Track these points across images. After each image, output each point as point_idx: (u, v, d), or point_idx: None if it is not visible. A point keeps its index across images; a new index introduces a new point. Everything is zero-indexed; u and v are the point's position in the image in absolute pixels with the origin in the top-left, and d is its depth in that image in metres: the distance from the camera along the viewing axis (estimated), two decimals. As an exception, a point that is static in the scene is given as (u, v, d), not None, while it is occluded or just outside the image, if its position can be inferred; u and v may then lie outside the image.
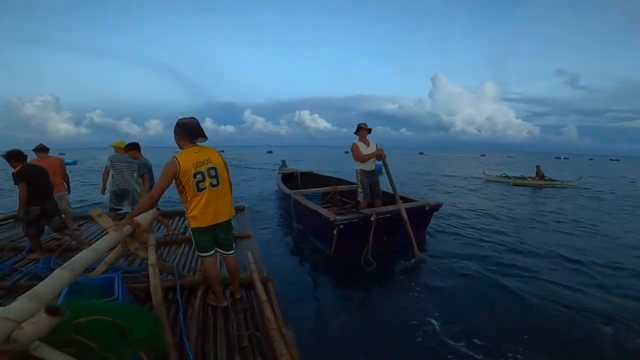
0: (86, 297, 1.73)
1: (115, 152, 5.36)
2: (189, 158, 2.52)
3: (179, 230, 5.59)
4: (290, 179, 10.34)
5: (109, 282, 2.42)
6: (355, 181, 5.84)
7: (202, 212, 2.55)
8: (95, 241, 2.46)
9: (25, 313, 1.37)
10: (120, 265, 3.82)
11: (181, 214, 6.56)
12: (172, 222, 6.19)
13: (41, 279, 2.84)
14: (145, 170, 5.06)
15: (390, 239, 5.21)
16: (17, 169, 3.97)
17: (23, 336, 1.32)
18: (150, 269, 2.55)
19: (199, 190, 2.53)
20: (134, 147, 5.18)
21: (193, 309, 2.79)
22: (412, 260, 4.75)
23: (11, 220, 6.31)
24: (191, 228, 2.62)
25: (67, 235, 4.54)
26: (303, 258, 5.06)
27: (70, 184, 5.90)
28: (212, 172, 2.59)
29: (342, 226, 4.71)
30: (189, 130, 2.58)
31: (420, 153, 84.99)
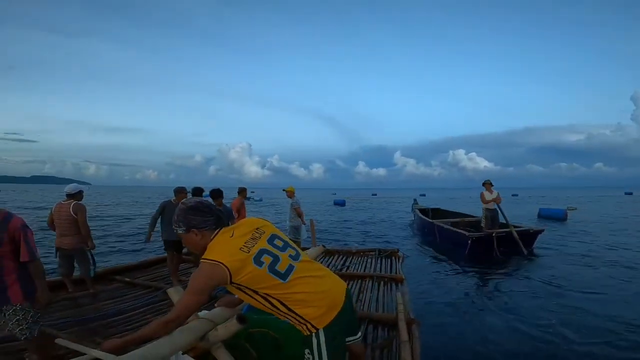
0: (258, 311, 1.75)
1: (288, 196, 6.85)
2: (229, 246, 1.55)
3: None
4: (423, 213, 13.51)
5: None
6: (477, 215, 11.01)
7: (311, 302, 1.57)
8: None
9: (222, 318, 1.78)
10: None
11: None
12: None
13: (228, 292, 3.70)
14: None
15: (505, 249, 8.30)
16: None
17: (215, 337, 1.65)
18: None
19: (283, 277, 1.56)
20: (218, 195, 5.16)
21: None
22: (524, 254, 8.09)
23: None
24: (318, 334, 1.56)
25: None
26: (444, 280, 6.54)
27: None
28: (279, 242, 1.68)
29: (474, 238, 8.18)
30: (207, 212, 1.64)
31: (627, 193, 65.15)
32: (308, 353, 1.59)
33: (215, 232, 1.62)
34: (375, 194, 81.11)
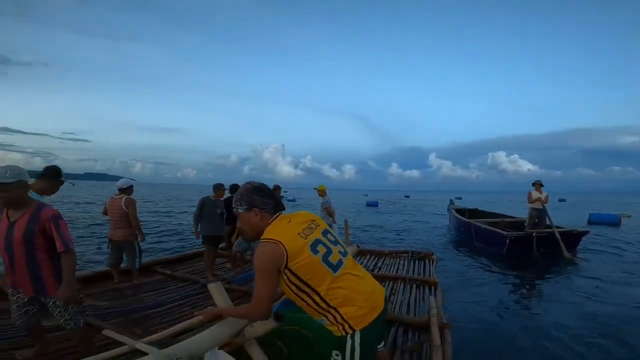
0: (292, 309, 1.81)
1: (319, 195, 6.79)
2: (287, 230, 1.56)
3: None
4: (459, 213, 13.13)
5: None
6: (519, 216, 11.01)
7: (356, 301, 1.53)
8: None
9: None
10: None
11: None
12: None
13: None
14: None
15: (545, 250, 8.07)
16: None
17: (250, 333, 1.70)
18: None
19: (335, 268, 1.55)
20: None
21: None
22: (566, 257, 7.67)
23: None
24: (354, 336, 1.51)
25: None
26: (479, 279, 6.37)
27: None
28: (331, 237, 1.68)
29: (512, 237, 7.95)
30: (269, 195, 1.65)
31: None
32: (336, 355, 1.55)
33: (274, 216, 1.63)
34: (408, 196, 79.41)
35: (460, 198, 63.11)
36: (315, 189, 6.99)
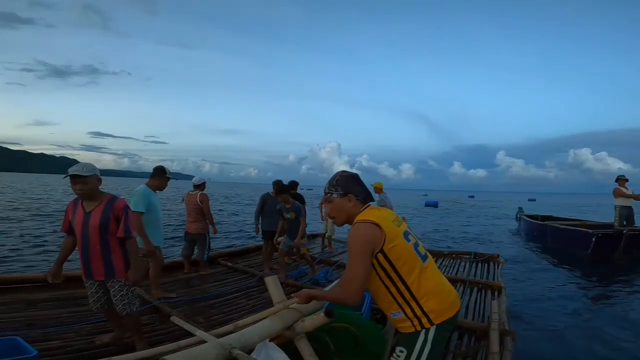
0: (342, 306, 1.77)
1: (375, 191, 6.55)
2: (381, 216, 1.56)
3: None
4: (532, 219, 12.48)
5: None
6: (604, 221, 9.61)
7: (439, 294, 1.52)
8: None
9: (310, 310, 1.85)
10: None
11: None
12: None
13: (319, 284, 4.26)
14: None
15: (638, 252, 7.35)
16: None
17: (301, 327, 1.72)
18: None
19: (423, 258, 1.56)
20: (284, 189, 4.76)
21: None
22: None
23: (311, 236, 7.94)
24: (428, 331, 1.47)
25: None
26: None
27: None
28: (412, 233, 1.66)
29: (600, 235, 7.32)
30: (362, 185, 1.70)
31: None
32: (400, 352, 1.49)
33: (364, 206, 1.64)
34: (473, 196, 74.83)
35: (534, 200, 58.87)
36: (372, 185, 6.81)
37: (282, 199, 4.68)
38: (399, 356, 1.50)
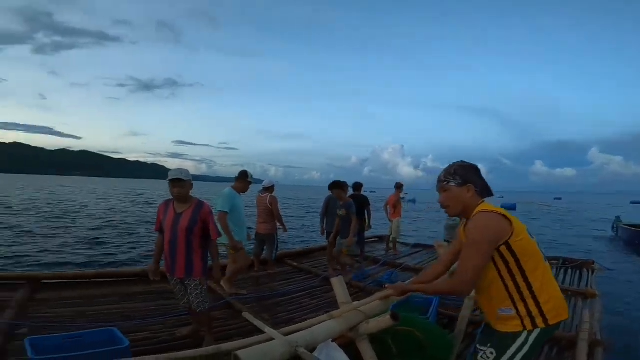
0: (407, 309, 1.90)
1: None
2: (502, 211, 1.48)
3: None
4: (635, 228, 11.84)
5: (427, 303, 2.68)
6: None
7: (559, 297, 1.45)
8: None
9: (375, 311, 1.80)
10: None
11: None
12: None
13: (382, 287, 3.49)
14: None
15: None
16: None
17: (365, 329, 1.70)
18: (466, 301, 2.38)
19: (544, 257, 1.49)
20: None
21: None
22: None
23: (377, 239, 8.27)
24: (531, 333, 1.38)
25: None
26: None
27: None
28: None
29: None
30: (481, 176, 1.59)
31: None
32: (490, 353, 1.41)
33: (481, 199, 1.55)
34: (560, 198, 66.70)
35: (638, 202, 51.54)
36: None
37: (335, 194, 4.71)
38: (488, 357, 1.41)
